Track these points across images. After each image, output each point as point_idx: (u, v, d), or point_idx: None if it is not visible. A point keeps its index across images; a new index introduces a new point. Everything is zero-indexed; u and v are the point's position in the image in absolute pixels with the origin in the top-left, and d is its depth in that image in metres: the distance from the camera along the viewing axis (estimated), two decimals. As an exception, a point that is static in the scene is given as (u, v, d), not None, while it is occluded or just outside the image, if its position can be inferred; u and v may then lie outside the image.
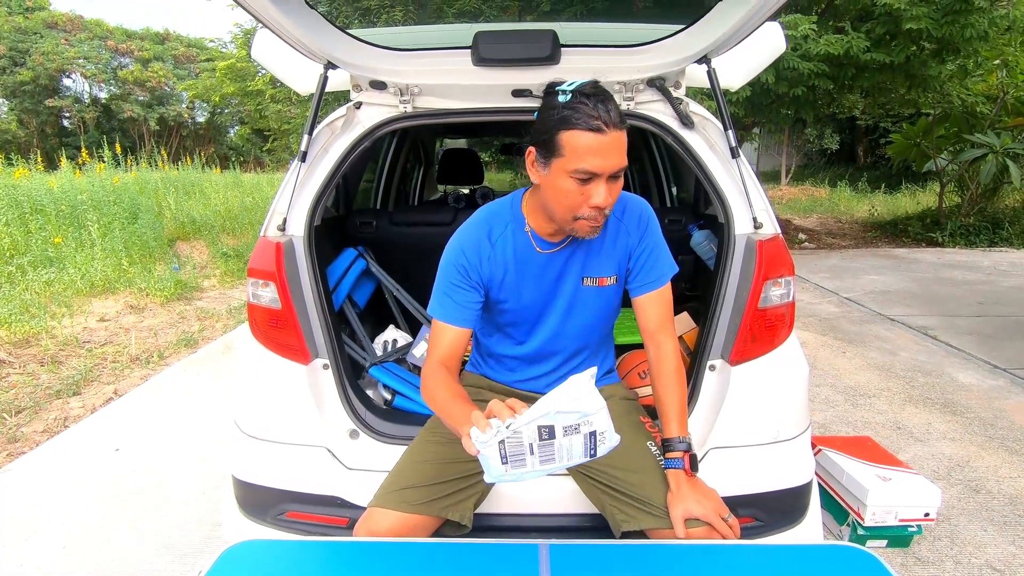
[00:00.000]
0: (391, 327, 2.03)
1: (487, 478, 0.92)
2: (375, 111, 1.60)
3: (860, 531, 1.86)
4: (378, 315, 2.11)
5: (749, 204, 1.51)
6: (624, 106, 1.58)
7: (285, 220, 1.54)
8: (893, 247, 8.43)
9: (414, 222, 2.09)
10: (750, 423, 1.47)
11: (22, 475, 2.41)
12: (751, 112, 7.65)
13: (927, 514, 1.84)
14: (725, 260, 1.51)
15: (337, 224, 2.02)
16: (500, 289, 1.24)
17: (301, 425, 1.50)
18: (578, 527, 1.41)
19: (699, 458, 1.46)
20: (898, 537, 1.87)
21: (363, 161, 2.30)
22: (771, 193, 13.05)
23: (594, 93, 1.04)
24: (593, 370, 0.91)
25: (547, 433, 0.88)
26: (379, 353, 1.88)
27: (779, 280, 1.48)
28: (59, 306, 4.63)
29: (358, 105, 1.61)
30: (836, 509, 1.96)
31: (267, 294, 1.51)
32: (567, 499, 1.40)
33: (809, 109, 7.82)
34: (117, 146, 9.68)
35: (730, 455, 1.46)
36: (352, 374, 1.60)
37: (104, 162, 7.97)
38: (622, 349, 1.79)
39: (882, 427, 2.76)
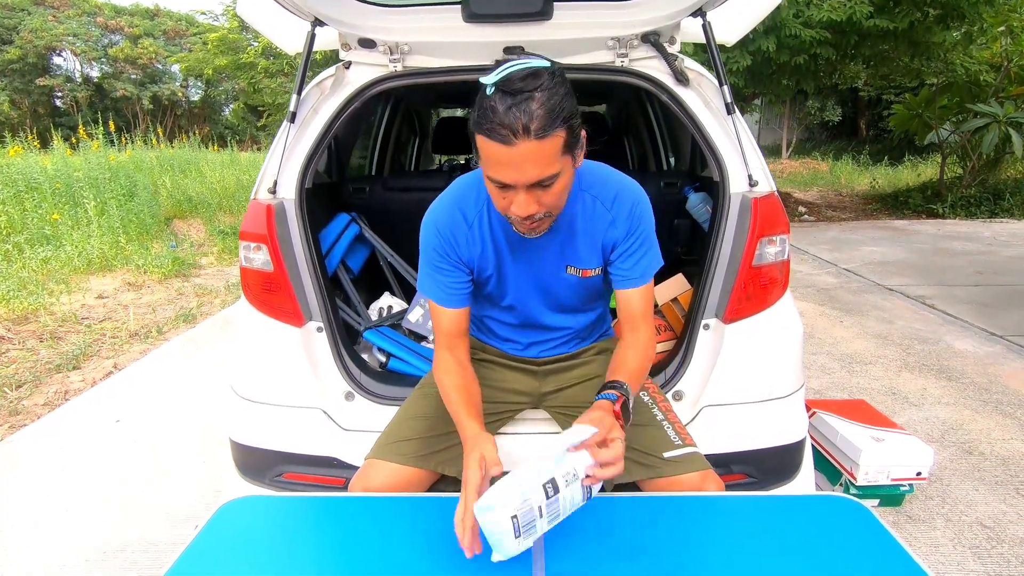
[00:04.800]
0: (386, 294, 2.03)
1: (497, 556, 0.82)
2: (365, 71, 1.57)
3: (853, 491, 1.88)
4: (373, 283, 2.10)
5: (744, 161, 1.49)
6: (618, 63, 1.55)
7: (276, 183, 1.53)
8: (893, 219, 8.40)
9: (408, 187, 2.07)
10: (744, 381, 1.47)
11: (24, 446, 2.42)
12: (752, 83, 7.54)
13: (919, 473, 1.86)
14: (720, 218, 1.50)
15: (330, 190, 2.01)
16: (483, 269, 1.18)
17: (296, 387, 1.50)
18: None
19: (693, 417, 1.47)
20: (890, 496, 1.89)
21: (355, 125, 2.27)
22: (771, 167, 12.90)
23: (518, 91, 0.86)
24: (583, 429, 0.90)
25: (552, 489, 0.84)
26: (374, 319, 1.88)
27: (774, 238, 1.47)
28: (57, 283, 4.63)
29: (348, 65, 1.58)
30: (829, 470, 1.98)
31: (259, 257, 1.50)
32: (561, 457, 1.41)
33: (810, 79, 7.71)
34: (111, 123, 9.58)
35: (724, 413, 1.47)
36: (347, 338, 1.60)
37: (97, 140, 7.87)
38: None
39: (878, 393, 2.78)
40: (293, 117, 1.52)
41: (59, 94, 24.26)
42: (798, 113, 16.87)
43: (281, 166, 1.53)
